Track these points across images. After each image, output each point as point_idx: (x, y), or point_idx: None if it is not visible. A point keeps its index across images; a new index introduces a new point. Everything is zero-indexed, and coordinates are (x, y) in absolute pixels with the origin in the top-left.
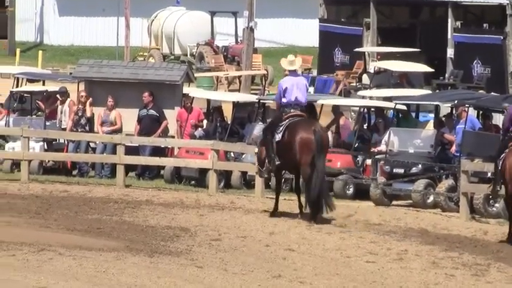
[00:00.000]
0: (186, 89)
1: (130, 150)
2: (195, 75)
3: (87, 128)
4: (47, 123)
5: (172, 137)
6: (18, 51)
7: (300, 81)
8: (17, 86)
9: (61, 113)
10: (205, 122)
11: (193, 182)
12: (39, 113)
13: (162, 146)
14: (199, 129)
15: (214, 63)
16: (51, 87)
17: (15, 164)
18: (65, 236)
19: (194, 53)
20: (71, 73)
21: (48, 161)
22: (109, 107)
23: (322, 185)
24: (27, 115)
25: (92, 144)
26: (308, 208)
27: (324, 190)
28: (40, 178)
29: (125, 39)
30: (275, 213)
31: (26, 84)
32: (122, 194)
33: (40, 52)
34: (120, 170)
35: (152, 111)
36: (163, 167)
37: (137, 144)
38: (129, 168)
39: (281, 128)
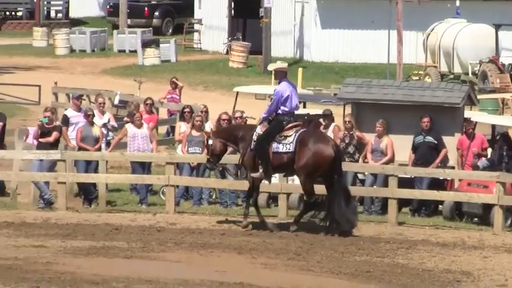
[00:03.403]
0: (467, 113)
1: (405, 183)
2: (478, 97)
3: (355, 157)
4: None
5: (452, 167)
6: None
7: (294, 86)
8: None
9: None
10: (489, 150)
11: (476, 219)
12: None
13: (441, 178)
14: (483, 158)
15: (500, 83)
16: (314, 110)
17: (272, 198)
18: (329, 280)
19: (476, 72)
20: (335, 94)
21: None
22: (379, 132)
23: (351, 199)
24: None
25: (360, 176)
26: (337, 222)
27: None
28: None
29: (397, 55)
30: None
31: None
32: (394, 232)
33: (300, 70)
34: (393, 205)
35: (430, 138)
36: (441, 202)
37: (412, 176)
38: (402, 203)
39: (289, 140)
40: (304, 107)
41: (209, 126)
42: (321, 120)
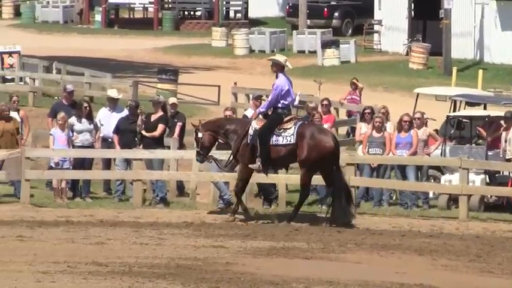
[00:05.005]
0: None
1: None
2: None
3: None
4: (489, 153)
5: None
6: (454, 70)
7: (290, 81)
8: (454, 110)
9: (505, 141)
10: None
11: None
12: (480, 141)
13: None
14: None
15: None
16: (494, 111)
17: (452, 200)
18: (510, 282)
19: None
20: None
21: (491, 197)
22: None
23: (350, 195)
24: (466, 143)
25: None
26: (338, 212)
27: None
28: (481, 216)
29: None
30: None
31: (464, 108)
32: None
33: (480, 71)
34: None
35: None
36: None
37: None
38: None
39: (290, 132)
40: (485, 108)
41: (390, 128)
42: (502, 122)
